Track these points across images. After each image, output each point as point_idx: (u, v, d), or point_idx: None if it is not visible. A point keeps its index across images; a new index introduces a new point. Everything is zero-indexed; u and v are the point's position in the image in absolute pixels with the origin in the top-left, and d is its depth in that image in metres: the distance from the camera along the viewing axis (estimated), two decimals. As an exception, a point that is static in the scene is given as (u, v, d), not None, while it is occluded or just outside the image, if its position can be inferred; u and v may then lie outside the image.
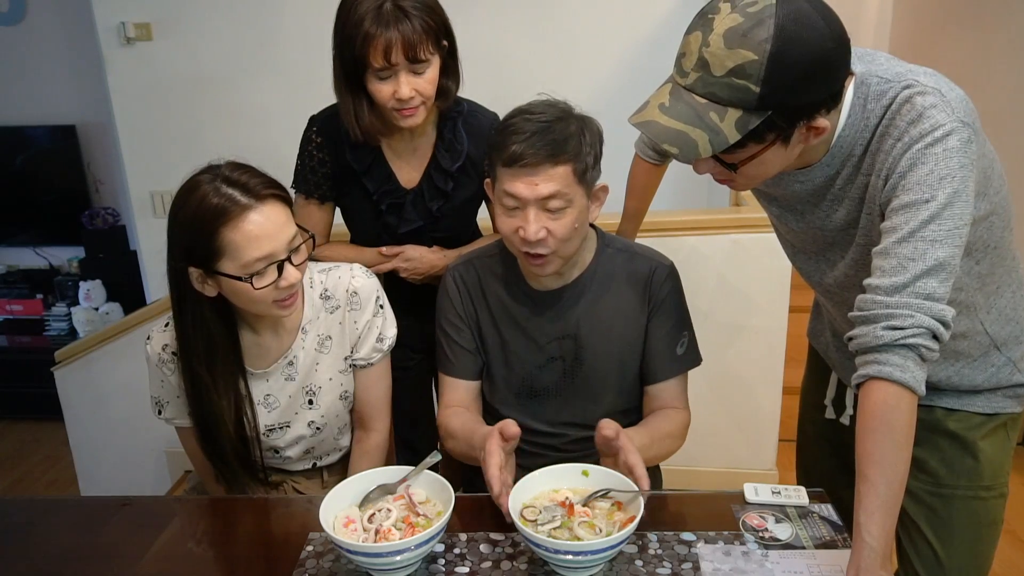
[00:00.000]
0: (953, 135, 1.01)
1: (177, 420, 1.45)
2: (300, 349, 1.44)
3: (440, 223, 1.70)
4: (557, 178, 1.30)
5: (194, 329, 1.34)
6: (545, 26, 3.17)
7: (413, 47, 1.44)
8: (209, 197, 1.24)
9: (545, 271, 1.39)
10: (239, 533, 1.34)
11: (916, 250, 1.00)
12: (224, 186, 1.25)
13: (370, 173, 1.65)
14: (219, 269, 1.25)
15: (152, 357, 1.42)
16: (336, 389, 1.48)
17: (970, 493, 1.27)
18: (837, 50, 0.99)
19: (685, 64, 1.01)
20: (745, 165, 1.06)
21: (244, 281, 1.25)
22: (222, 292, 1.30)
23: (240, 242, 1.23)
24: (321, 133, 1.65)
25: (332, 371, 1.47)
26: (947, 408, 1.27)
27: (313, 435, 1.49)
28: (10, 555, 1.27)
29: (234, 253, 1.24)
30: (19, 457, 3.42)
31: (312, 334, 1.45)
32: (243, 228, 1.23)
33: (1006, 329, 1.24)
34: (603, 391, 1.48)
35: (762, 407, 2.58)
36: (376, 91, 1.50)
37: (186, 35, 3.21)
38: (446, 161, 1.65)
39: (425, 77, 1.49)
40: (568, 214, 1.32)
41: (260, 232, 1.24)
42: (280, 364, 1.43)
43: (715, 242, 2.44)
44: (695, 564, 1.14)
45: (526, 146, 1.28)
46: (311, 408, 1.47)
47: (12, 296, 4.01)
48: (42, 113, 3.89)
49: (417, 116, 1.53)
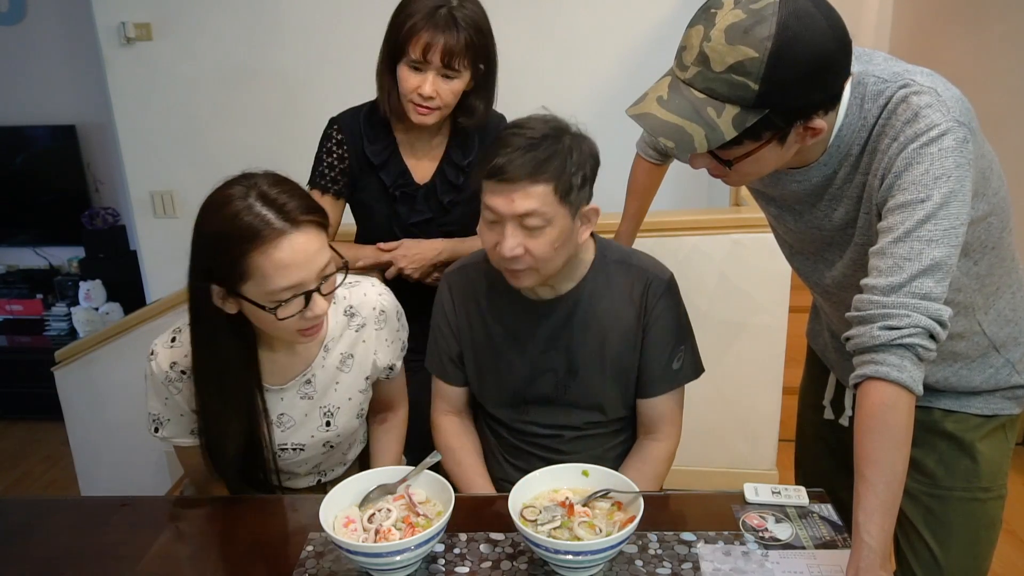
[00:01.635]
0: (949, 135, 1.01)
1: (176, 439, 1.37)
2: (320, 367, 1.37)
3: (450, 215, 1.74)
4: (535, 196, 1.27)
5: (210, 347, 1.25)
6: (545, 26, 3.16)
7: (451, 55, 1.51)
8: (241, 215, 1.13)
9: (521, 283, 1.37)
10: (239, 533, 1.34)
11: (912, 250, 1.00)
12: (259, 204, 1.14)
13: (386, 167, 1.70)
14: (242, 292, 1.17)
15: (158, 375, 1.30)
16: (354, 409, 1.43)
17: (968, 495, 1.27)
18: (838, 51, 0.99)
19: (685, 58, 1.00)
20: (740, 162, 1.06)
21: (267, 311, 1.17)
22: (243, 311, 1.22)
23: (268, 270, 1.14)
24: (341, 131, 1.71)
25: (352, 391, 1.41)
26: (945, 409, 1.27)
27: (326, 452, 1.44)
28: (10, 555, 1.27)
29: (260, 280, 1.15)
30: (19, 457, 3.41)
31: (335, 352, 1.38)
32: (273, 255, 1.13)
33: (1005, 330, 1.24)
34: (597, 403, 1.47)
35: (762, 407, 2.58)
36: (403, 79, 1.56)
37: (186, 35, 3.21)
38: (458, 156, 1.70)
39: (451, 85, 1.56)
40: (547, 233, 1.30)
41: (291, 261, 1.14)
42: (297, 381, 1.36)
43: (715, 242, 2.44)
44: (695, 564, 1.14)
45: (507, 160, 1.27)
46: (328, 429, 1.41)
47: (12, 296, 4.01)
48: (42, 113, 3.88)
49: (430, 117, 1.59)
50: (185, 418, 1.34)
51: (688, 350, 1.48)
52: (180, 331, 1.31)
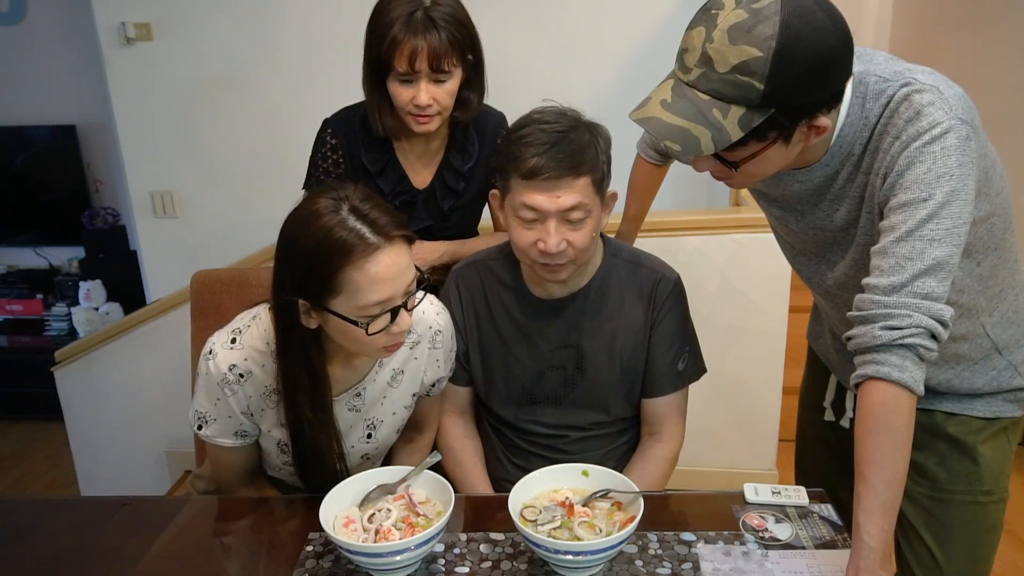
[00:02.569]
0: (951, 133, 1.01)
1: (219, 439, 1.34)
2: (372, 381, 1.36)
3: (449, 220, 1.72)
4: (578, 190, 1.29)
5: (304, 362, 1.24)
6: (545, 26, 3.17)
7: (438, 57, 1.47)
8: (335, 230, 1.13)
9: (559, 277, 1.38)
10: (239, 533, 1.34)
11: (914, 249, 1.00)
12: (352, 219, 1.14)
13: (384, 175, 1.67)
14: (331, 307, 1.16)
15: (215, 375, 1.27)
16: (396, 423, 1.43)
17: (969, 498, 1.26)
18: (841, 48, 0.98)
19: (688, 60, 1.00)
20: (746, 163, 1.05)
21: (359, 326, 1.16)
22: (324, 327, 1.22)
23: (362, 284, 1.14)
24: (336, 135, 1.66)
25: (398, 406, 1.41)
26: (947, 412, 1.26)
27: (360, 465, 1.44)
28: (10, 555, 1.27)
29: (353, 294, 1.15)
30: (19, 457, 3.41)
31: (388, 368, 1.38)
32: (368, 270, 1.13)
33: (1008, 332, 1.24)
34: (604, 400, 1.48)
35: (762, 407, 2.58)
36: (396, 94, 1.52)
37: (186, 35, 3.21)
38: (458, 161, 1.68)
39: (445, 88, 1.52)
40: (587, 224, 1.32)
41: (384, 276, 1.15)
42: (348, 395, 1.35)
43: (716, 242, 2.44)
44: (695, 564, 1.14)
45: (547, 159, 1.26)
46: (369, 441, 1.41)
47: (12, 296, 4.01)
48: (42, 113, 3.89)
49: (431, 124, 1.55)
50: (233, 420, 1.31)
51: (692, 351, 1.48)
52: (240, 332, 1.29)
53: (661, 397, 1.47)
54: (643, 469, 1.46)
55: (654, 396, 1.47)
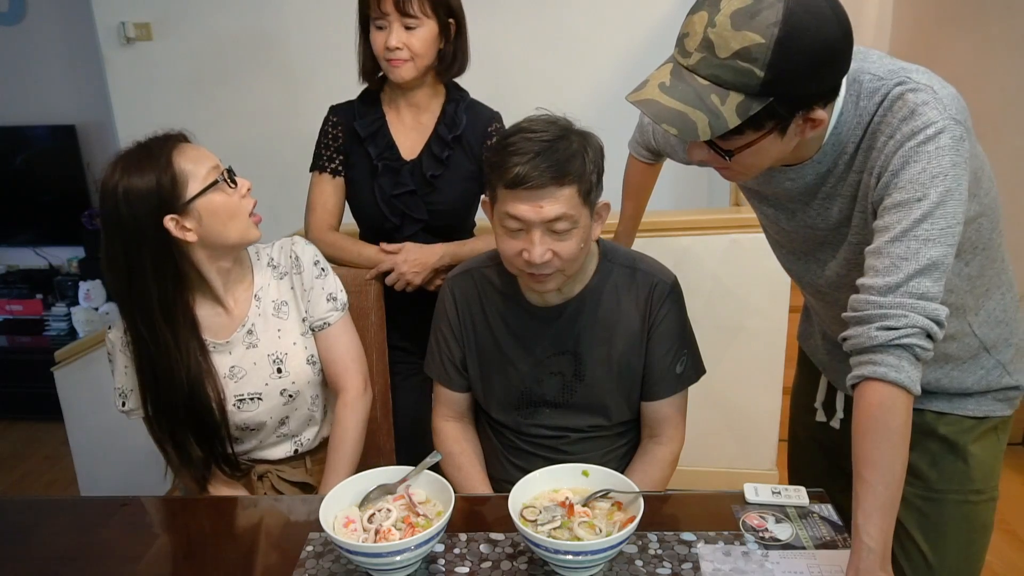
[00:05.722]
0: (945, 133, 1.01)
1: (139, 411, 1.46)
2: (257, 316, 1.48)
3: (433, 187, 1.73)
4: (562, 200, 1.27)
5: (144, 287, 1.34)
6: (545, 26, 3.16)
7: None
8: None
9: (546, 287, 1.37)
10: (239, 533, 1.34)
11: (909, 249, 1.00)
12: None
13: (373, 140, 1.74)
14: (191, 195, 1.33)
15: (116, 343, 1.45)
16: (302, 353, 1.51)
17: (960, 497, 1.26)
18: (842, 40, 0.98)
19: (688, 44, 0.99)
20: (740, 153, 1.04)
21: (229, 186, 1.37)
22: (199, 231, 1.34)
23: (189, 167, 1.35)
24: (337, 113, 1.79)
25: (295, 335, 1.51)
26: (937, 412, 1.26)
27: (287, 403, 1.50)
28: (10, 555, 1.27)
29: (192, 178, 1.34)
30: (19, 457, 3.41)
31: (266, 300, 1.50)
32: (188, 153, 1.37)
33: (995, 331, 1.24)
34: (604, 405, 1.47)
35: (762, 407, 2.58)
36: (373, 40, 1.65)
37: (186, 35, 3.21)
38: (444, 131, 1.73)
39: (416, 34, 1.62)
40: (574, 235, 1.30)
41: (196, 155, 1.37)
42: (239, 334, 1.47)
43: (714, 242, 2.44)
44: (695, 564, 1.14)
45: (530, 167, 1.25)
46: (281, 376, 1.49)
47: (12, 296, 4.00)
48: (42, 113, 3.88)
49: (404, 70, 1.64)
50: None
51: (691, 353, 1.48)
52: None
53: (661, 400, 1.47)
54: (644, 471, 1.46)
55: (654, 399, 1.47)
